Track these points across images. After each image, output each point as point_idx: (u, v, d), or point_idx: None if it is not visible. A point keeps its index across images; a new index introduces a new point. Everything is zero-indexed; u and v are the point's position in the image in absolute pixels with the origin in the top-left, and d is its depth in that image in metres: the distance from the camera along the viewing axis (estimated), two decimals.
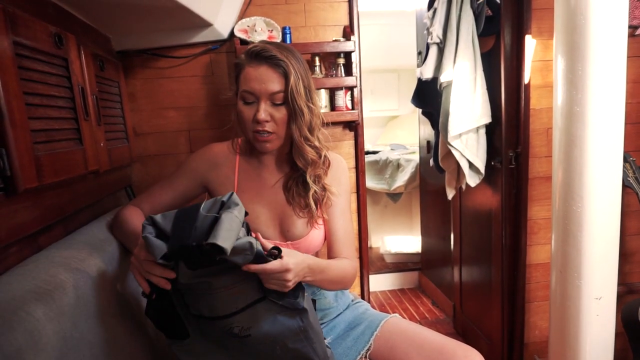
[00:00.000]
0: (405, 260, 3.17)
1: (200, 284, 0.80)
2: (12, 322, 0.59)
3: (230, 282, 0.80)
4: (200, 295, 0.82)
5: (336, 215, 1.09)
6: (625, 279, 1.81)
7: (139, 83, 1.61)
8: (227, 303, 0.81)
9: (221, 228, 0.71)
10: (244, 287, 0.82)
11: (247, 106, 0.98)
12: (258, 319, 0.83)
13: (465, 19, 1.66)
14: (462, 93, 1.68)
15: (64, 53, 0.94)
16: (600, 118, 1.15)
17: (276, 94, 0.96)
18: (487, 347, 1.98)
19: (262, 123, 0.97)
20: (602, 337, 1.26)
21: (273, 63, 0.95)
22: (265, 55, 0.96)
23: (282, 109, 0.98)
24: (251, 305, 0.83)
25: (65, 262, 0.79)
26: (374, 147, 3.71)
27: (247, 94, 0.97)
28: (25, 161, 0.75)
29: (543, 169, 1.71)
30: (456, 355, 0.95)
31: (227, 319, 0.82)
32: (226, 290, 0.81)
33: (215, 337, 0.86)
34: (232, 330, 0.82)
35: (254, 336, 0.83)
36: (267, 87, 0.95)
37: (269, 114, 0.97)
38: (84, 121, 1.01)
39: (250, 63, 0.97)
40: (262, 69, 0.96)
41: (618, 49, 1.14)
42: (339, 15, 1.67)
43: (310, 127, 1.01)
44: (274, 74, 0.96)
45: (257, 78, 0.95)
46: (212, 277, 0.79)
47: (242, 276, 0.80)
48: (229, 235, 0.71)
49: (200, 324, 0.85)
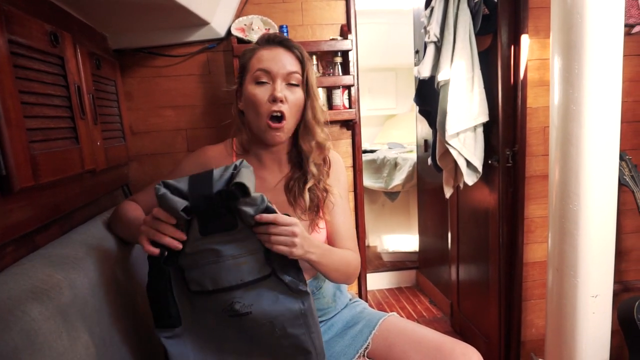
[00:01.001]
0: (403, 258, 3.18)
1: (208, 252, 0.81)
2: (8, 321, 0.59)
3: (237, 252, 0.81)
4: (206, 267, 0.82)
5: (337, 215, 1.08)
6: (621, 277, 1.82)
7: (136, 82, 1.61)
8: (233, 273, 0.82)
9: (242, 176, 0.77)
10: (252, 259, 0.83)
11: (260, 88, 0.96)
12: (261, 297, 0.83)
13: (462, 17, 1.67)
14: (460, 92, 1.68)
15: (60, 51, 0.94)
16: (597, 116, 1.16)
17: (292, 74, 0.96)
18: (485, 345, 1.98)
19: (277, 102, 0.94)
20: (598, 335, 1.27)
21: (289, 45, 0.97)
22: (280, 39, 0.98)
23: (297, 91, 0.98)
24: (256, 282, 0.83)
25: (62, 261, 0.79)
26: (372, 146, 3.71)
27: (262, 73, 0.96)
28: (21, 160, 0.75)
29: (540, 167, 1.71)
30: (454, 353, 0.95)
31: (230, 292, 0.82)
32: (233, 260, 0.81)
33: (211, 320, 0.85)
34: (233, 305, 0.82)
35: (254, 314, 0.83)
36: (286, 65, 0.95)
37: (284, 95, 0.96)
38: (80, 120, 1.01)
39: (265, 46, 0.98)
40: (278, 50, 0.96)
41: (614, 47, 1.15)
42: (336, 14, 1.67)
43: (320, 112, 1.02)
44: (290, 56, 0.97)
45: (275, 58, 0.96)
46: (221, 245, 0.81)
47: (250, 248, 0.82)
48: (249, 182, 0.77)
49: (200, 301, 0.84)
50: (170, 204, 0.76)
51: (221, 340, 0.87)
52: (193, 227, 0.80)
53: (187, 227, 0.80)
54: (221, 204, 0.78)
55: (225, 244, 0.81)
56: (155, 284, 0.82)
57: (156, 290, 0.82)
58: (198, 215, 0.79)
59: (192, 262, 0.82)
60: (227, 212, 0.80)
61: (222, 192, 0.77)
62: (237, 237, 0.82)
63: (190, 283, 0.83)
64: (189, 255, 0.81)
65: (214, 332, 0.86)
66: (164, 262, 0.80)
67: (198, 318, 0.86)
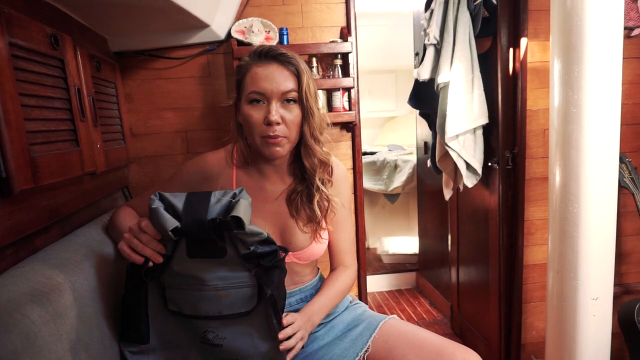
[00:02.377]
0: (403, 261, 3.18)
1: (192, 278, 0.79)
2: (7, 324, 0.58)
3: (222, 284, 0.80)
4: (187, 292, 0.81)
5: (339, 225, 1.09)
6: (621, 280, 1.82)
7: (136, 84, 1.61)
8: (213, 304, 0.81)
9: (240, 208, 0.76)
10: (234, 293, 0.81)
11: (255, 108, 0.93)
12: (235, 333, 0.82)
13: (462, 20, 1.67)
14: (459, 94, 1.68)
15: (60, 54, 0.94)
16: (597, 119, 1.16)
17: (288, 92, 0.92)
18: (485, 347, 1.98)
19: (273, 126, 0.91)
20: (598, 338, 1.26)
21: (284, 61, 0.91)
22: (275, 53, 0.92)
23: (294, 109, 0.93)
24: (234, 317, 0.82)
25: (62, 263, 0.79)
26: (372, 148, 3.71)
27: (256, 95, 0.92)
28: (21, 162, 0.75)
29: (540, 169, 1.71)
30: (455, 357, 0.94)
31: (207, 322, 0.82)
32: (215, 291, 0.80)
33: (183, 342, 0.84)
34: (206, 334, 0.82)
35: (225, 348, 0.82)
36: (279, 86, 0.91)
37: (280, 116, 0.92)
38: (81, 122, 1.01)
39: (259, 63, 0.93)
40: (272, 67, 0.91)
41: (614, 50, 1.15)
42: (336, 17, 1.68)
43: (319, 128, 0.99)
44: (286, 72, 0.92)
45: (268, 77, 0.91)
46: (206, 273, 0.79)
47: (235, 282, 0.80)
48: (245, 215, 0.77)
49: (175, 321, 0.84)
50: (160, 221, 0.75)
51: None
52: (181, 246, 0.79)
53: (174, 246, 0.79)
54: (213, 232, 0.77)
55: (211, 272, 0.80)
56: (131, 296, 0.81)
57: (130, 304, 0.82)
58: (187, 237, 0.78)
59: (175, 283, 0.81)
60: (218, 239, 0.79)
61: (217, 221, 0.76)
62: (225, 266, 0.80)
63: (169, 302, 0.83)
64: (173, 274, 0.80)
65: (181, 355, 0.85)
66: (144, 275, 0.79)
67: (168, 338, 0.85)
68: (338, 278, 1.09)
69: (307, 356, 1.03)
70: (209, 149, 1.63)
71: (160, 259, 0.78)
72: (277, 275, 0.83)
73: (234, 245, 0.80)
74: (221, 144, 1.11)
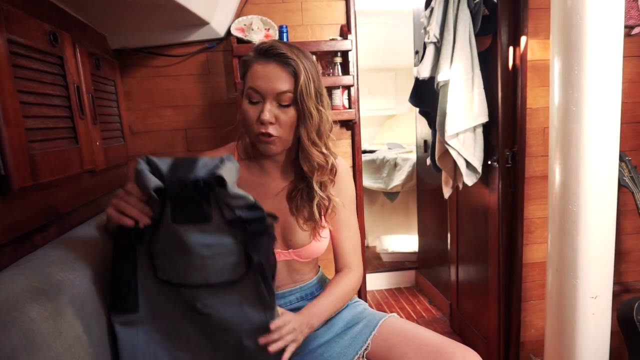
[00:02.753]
0: (402, 259, 3.18)
1: (177, 245, 0.78)
2: (6, 322, 0.58)
3: (207, 252, 0.79)
4: (173, 260, 0.80)
5: (342, 226, 1.08)
6: (620, 278, 1.82)
7: (135, 81, 1.60)
8: (199, 273, 0.80)
9: (224, 169, 0.75)
10: (221, 261, 0.80)
11: (252, 105, 0.93)
12: (223, 302, 0.81)
13: (462, 18, 1.66)
14: (459, 92, 1.68)
15: (59, 51, 0.94)
16: (597, 117, 1.16)
17: (284, 94, 0.91)
18: (484, 345, 1.98)
19: (265, 125, 0.91)
20: (597, 336, 1.27)
21: (282, 61, 0.90)
22: (275, 52, 0.90)
23: (289, 110, 0.93)
24: (222, 285, 0.81)
25: (61, 261, 0.79)
26: (371, 146, 3.71)
27: (253, 92, 0.92)
28: (20, 160, 0.75)
29: (539, 168, 1.71)
30: (455, 356, 0.94)
31: (193, 290, 0.81)
32: (201, 260, 0.79)
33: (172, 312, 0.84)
34: (194, 304, 0.81)
35: (214, 318, 0.81)
36: (275, 86, 0.90)
37: (274, 116, 0.91)
38: (80, 120, 1.01)
39: (259, 60, 0.92)
40: (270, 66, 0.91)
41: (614, 48, 1.15)
42: (336, 14, 1.67)
43: (318, 131, 0.96)
44: (283, 73, 0.91)
45: (265, 76, 0.90)
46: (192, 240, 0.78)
47: (222, 250, 0.79)
48: (230, 176, 0.75)
49: (164, 291, 0.83)
50: (144, 182, 0.74)
51: (178, 336, 0.85)
52: (166, 212, 0.78)
53: (161, 210, 0.78)
54: (196, 193, 0.76)
55: (196, 239, 0.78)
56: (119, 263, 0.80)
57: (118, 271, 0.81)
58: (171, 200, 0.77)
59: (162, 251, 0.81)
60: (202, 200, 0.77)
61: (199, 180, 0.75)
62: (211, 233, 0.79)
63: (159, 270, 0.82)
64: (159, 241, 0.79)
65: (172, 325, 0.84)
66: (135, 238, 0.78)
67: (158, 308, 0.83)
68: (341, 281, 1.08)
69: (307, 354, 1.03)
70: (209, 146, 1.64)
71: (147, 220, 0.77)
72: (265, 242, 0.81)
73: (219, 209, 0.78)
74: (221, 138, 1.10)
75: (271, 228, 0.81)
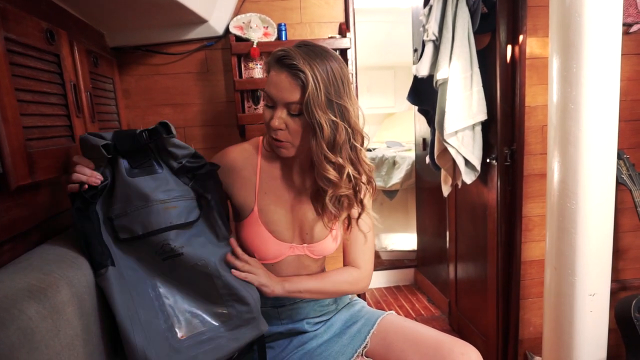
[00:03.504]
0: (401, 257, 3.18)
1: (136, 197, 0.83)
2: (4, 320, 0.58)
3: (166, 197, 0.85)
4: (135, 212, 0.83)
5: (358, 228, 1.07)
6: (618, 276, 1.82)
7: (134, 80, 1.60)
8: (162, 216, 0.84)
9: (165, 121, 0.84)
10: (181, 204, 0.87)
11: (268, 108, 0.95)
12: (191, 239, 0.88)
13: (461, 16, 1.66)
14: (458, 90, 1.68)
15: (56, 49, 0.93)
16: (595, 115, 1.16)
17: (292, 104, 0.91)
18: (482, 343, 1.99)
19: (275, 130, 0.93)
20: (595, 333, 1.27)
21: (292, 72, 0.89)
22: (287, 63, 0.90)
23: (298, 120, 0.92)
24: (185, 226, 0.87)
25: (59, 260, 0.79)
26: (370, 145, 3.71)
27: (268, 97, 0.94)
28: (18, 158, 0.75)
29: (538, 166, 1.71)
30: (453, 352, 0.95)
31: (162, 234, 0.84)
32: (162, 204, 0.84)
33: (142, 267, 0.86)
34: (164, 247, 0.84)
35: (186, 256, 0.86)
36: (283, 95, 0.91)
37: (284, 123, 0.92)
38: (76, 118, 1.01)
39: (274, 67, 0.93)
40: (282, 75, 0.91)
41: (613, 46, 1.15)
42: (335, 12, 1.67)
43: (332, 143, 0.91)
44: (293, 84, 0.90)
45: (276, 84, 0.91)
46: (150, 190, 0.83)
47: (178, 195, 0.87)
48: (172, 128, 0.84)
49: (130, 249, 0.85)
50: (90, 143, 0.79)
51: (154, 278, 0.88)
52: (119, 170, 0.83)
53: (113, 171, 0.84)
54: (144, 144, 0.83)
55: (153, 188, 0.84)
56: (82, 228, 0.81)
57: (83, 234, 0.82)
58: (123, 156, 0.83)
59: (121, 210, 0.83)
60: (152, 153, 0.85)
61: (145, 130, 0.82)
62: (165, 182, 0.86)
63: (120, 231, 0.84)
64: (117, 200, 0.83)
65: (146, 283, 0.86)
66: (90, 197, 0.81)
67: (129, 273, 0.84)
68: (338, 271, 1.08)
69: (306, 353, 1.03)
70: (208, 145, 1.64)
71: (97, 181, 0.81)
72: (212, 184, 0.93)
73: (166, 162, 0.88)
74: (220, 136, 1.10)
75: (214, 173, 0.95)
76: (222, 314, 0.90)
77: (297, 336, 1.07)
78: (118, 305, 0.78)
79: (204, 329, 0.88)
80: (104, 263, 0.80)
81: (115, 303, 0.78)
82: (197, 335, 0.87)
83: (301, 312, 1.08)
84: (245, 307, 0.90)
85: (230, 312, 0.90)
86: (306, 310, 1.08)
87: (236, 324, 0.90)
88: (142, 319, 0.81)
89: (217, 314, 0.90)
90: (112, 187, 0.84)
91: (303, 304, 1.07)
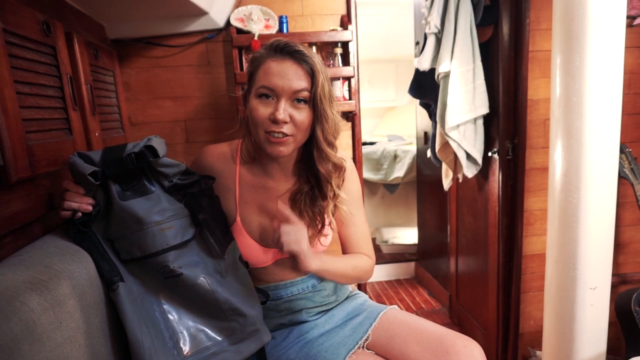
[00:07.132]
0: (402, 251, 3.19)
1: (130, 221, 0.82)
2: (7, 312, 0.58)
3: (160, 218, 0.85)
4: (131, 236, 0.83)
5: (352, 220, 1.08)
6: (619, 270, 1.83)
7: (134, 72, 1.59)
8: (158, 239, 0.84)
9: (153, 141, 0.84)
10: (176, 224, 0.86)
11: (263, 103, 0.89)
12: (188, 259, 0.88)
13: (463, 8, 1.65)
14: (460, 84, 1.67)
15: (52, 41, 0.93)
16: (597, 109, 1.15)
17: (300, 91, 0.88)
18: (483, 337, 2.00)
19: (280, 124, 0.88)
20: (595, 327, 1.27)
21: (300, 59, 0.87)
22: (291, 49, 0.88)
23: (304, 110, 0.90)
24: (182, 245, 0.87)
25: (60, 252, 0.79)
26: (371, 138, 3.71)
27: (266, 90, 0.89)
28: (18, 151, 0.74)
29: (540, 160, 1.71)
30: (456, 344, 0.95)
31: (160, 256, 0.84)
32: (157, 226, 0.84)
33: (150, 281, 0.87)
34: (165, 269, 0.85)
35: (186, 275, 0.86)
36: (292, 83, 0.87)
37: (289, 115, 0.89)
38: (73, 111, 1.00)
39: (274, 57, 0.89)
40: (287, 63, 0.88)
41: (616, 39, 1.14)
42: (336, 5, 1.66)
43: (334, 132, 0.95)
44: (300, 70, 0.88)
45: (280, 73, 0.87)
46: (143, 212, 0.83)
47: (172, 214, 0.86)
48: (160, 147, 0.84)
49: (133, 269, 0.85)
50: (79, 169, 0.79)
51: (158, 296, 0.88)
52: (113, 195, 0.82)
53: (106, 195, 0.83)
54: (133, 167, 0.82)
55: (146, 210, 0.83)
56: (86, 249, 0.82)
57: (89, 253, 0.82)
58: (113, 180, 0.83)
59: (118, 233, 0.83)
60: (142, 175, 0.85)
61: (131, 154, 0.81)
62: (158, 202, 0.85)
63: (121, 252, 0.85)
64: (114, 224, 0.83)
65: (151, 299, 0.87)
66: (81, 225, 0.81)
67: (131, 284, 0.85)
68: (356, 255, 1.08)
69: (307, 343, 1.04)
70: (208, 138, 1.64)
71: (88, 208, 0.80)
72: (206, 202, 0.92)
73: (157, 181, 0.87)
74: (221, 129, 1.10)
75: (210, 189, 0.94)
76: (227, 328, 0.91)
77: (298, 326, 1.08)
78: (130, 321, 0.79)
79: (209, 344, 0.89)
80: (114, 279, 0.81)
81: (127, 318, 0.79)
82: (202, 350, 0.88)
83: (299, 303, 1.08)
84: (248, 320, 0.92)
85: (234, 326, 0.91)
86: (304, 301, 1.09)
87: (240, 337, 0.92)
88: (151, 334, 0.82)
89: (221, 328, 0.91)
90: (107, 208, 0.84)
91: (301, 296, 1.08)
